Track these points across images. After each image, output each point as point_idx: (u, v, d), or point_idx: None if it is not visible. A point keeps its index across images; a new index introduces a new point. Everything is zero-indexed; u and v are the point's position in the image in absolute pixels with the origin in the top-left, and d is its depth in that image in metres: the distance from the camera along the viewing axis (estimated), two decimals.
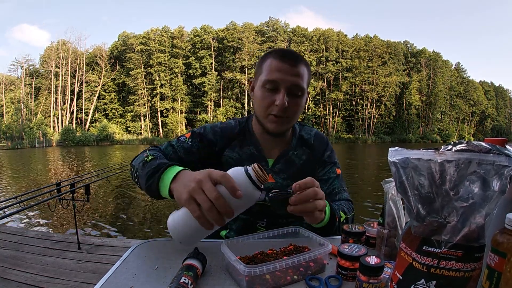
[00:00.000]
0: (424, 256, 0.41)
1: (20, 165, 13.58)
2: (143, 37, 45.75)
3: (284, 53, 0.87)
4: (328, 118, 48.76)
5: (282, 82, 0.84)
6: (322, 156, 1.01)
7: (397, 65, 49.58)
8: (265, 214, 0.95)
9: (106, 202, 5.95)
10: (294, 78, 0.85)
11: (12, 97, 41.78)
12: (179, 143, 0.95)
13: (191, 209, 0.60)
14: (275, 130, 0.90)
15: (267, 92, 0.86)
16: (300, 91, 0.87)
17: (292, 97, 0.87)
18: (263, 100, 0.87)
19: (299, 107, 0.89)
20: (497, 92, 62.28)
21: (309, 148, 1.01)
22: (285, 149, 0.98)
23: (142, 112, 45.22)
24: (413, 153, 0.42)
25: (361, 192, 7.02)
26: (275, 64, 0.85)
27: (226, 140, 0.97)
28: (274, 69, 0.85)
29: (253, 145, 0.97)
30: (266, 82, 0.86)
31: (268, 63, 0.87)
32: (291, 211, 0.68)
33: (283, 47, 0.93)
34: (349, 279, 0.58)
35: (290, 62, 0.85)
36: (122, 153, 20.95)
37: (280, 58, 0.85)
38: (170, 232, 0.66)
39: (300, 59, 0.87)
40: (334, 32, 50.17)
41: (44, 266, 2.39)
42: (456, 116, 56.25)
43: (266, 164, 0.97)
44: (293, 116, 0.90)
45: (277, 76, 0.84)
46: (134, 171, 0.83)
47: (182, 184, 0.64)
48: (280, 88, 0.85)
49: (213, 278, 0.60)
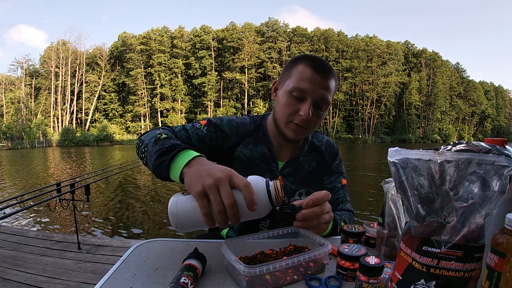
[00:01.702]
0: (424, 256, 0.41)
1: (20, 165, 13.57)
2: (143, 37, 45.79)
3: (317, 63, 0.84)
4: (328, 118, 48.77)
5: (310, 93, 0.82)
6: (330, 165, 1.02)
7: (397, 65, 49.58)
8: (269, 215, 0.96)
9: (106, 202, 5.94)
10: (323, 92, 0.83)
11: (12, 97, 41.80)
12: (193, 129, 0.91)
13: (201, 204, 0.57)
14: (293, 138, 0.89)
15: (293, 99, 0.84)
16: (326, 105, 0.86)
17: (317, 109, 0.86)
18: (287, 106, 0.85)
19: (320, 119, 0.89)
20: (497, 92, 62.30)
21: (319, 155, 1.01)
22: (296, 154, 0.98)
23: (142, 112, 45.23)
24: (413, 153, 0.42)
25: (361, 192, 7.02)
26: (307, 73, 0.82)
27: (241, 136, 0.96)
28: (305, 78, 0.82)
29: (266, 145, 0.96)
30: (294, 89, 0.83)
31: (300, 69, 0.84)
32: (297, 227, 0.69)
33: (315, 55, 0.90)
34: (349, 279, 0.58)
35: (322, 74, 0.82)
36: (122, 153, 20.95)
37: (313, 67, 0.83)
38: (170, 215, 0.61)
39: (332, 73, 0.86)
40: (335, 32, 50.20)
41: (44, 266, 2.39)
42: (456, 116, 56.28)
43: (276, 166, 0.96)
44: (313, 127, 0.90)
45: (307, 86, 0.82)
46: (142, 146, 0.77)
47: (198, 173, 0.60)
48: (307, 98, 0.83)
49: (213, 278, 0.60)
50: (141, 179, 8.93)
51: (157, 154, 0.67)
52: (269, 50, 47.28)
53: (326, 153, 1.02)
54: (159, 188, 7.28)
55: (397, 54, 49.82)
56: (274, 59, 47.24)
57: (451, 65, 57.17)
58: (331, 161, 1.02)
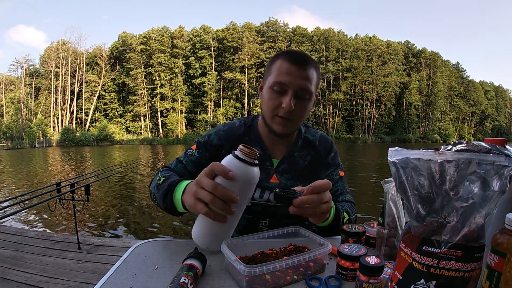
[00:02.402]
0: (424, 256, 0.41)
1: (20, 165, 13.58)
2: (143, 37, 45.79)
3: (294, 55, 0.86)
4: (328, 118, 48.78)
5: (290, 85, 0.84)
6: (326, 158, 1.02)
7: (397, 65, 49.58)
8: (268, 214, 0.96)
9: (106, 202, 5.94)
10: (303, 81, 0.84)
11: (12, 97, 41.81)
12: (187, 157, 0.96)
13: (199, 209, 0.62)
14: (281, 132, 0.90)
15: (275, 93, 0.86)
16: (308, 95, 0.87)
17: (299, 100, 0.86)
18: (270, 101, 0.88)
19: (305, 110, 0.89)
20: (497, 92, 62.27)
21: (313, 150, 1.01)
22: (290, 150, 0.99)
23: (142, 112, 45.24)
24: (413, 153, 0.42)
25: (361, 192, 7.02)
26: (285, 66, 0.84)
27: (233, 141, 0.97)
28: (283, 71, 0.84)
29: (258, 145, 0.97)
30: (274, 83, 0.85)
31: (278, 64, 0.86)
32: (292, 212, 0.68)
33: (293, 49, 0.91)
34: (349, 279, 0.58)
35: (299, 64, 0.84)
36: (122, 153, 20.95)
37: (289, 60, 0.84)
38: (196, 242, 0.69)
39: (310, 62, 0.86)
40: (335, 32, 50.20)
41: (44, 266, 2.39)
42: (456, 116, 56.26)
43: (271, 165, 0.97)
44: (299, 118, 0.90)
45: (285, 78, 0.84)
46: (152, 196, 0.86)
47: (189, 192, 0.66)
48: (288, 90, 0.85)
49: (213, 278, 0.60)
50: (141, 179, 8.93)
51: (162, 199, 0.76)
52: (269, 50, 47.27)
53: (320, 147, 1.02)
54: None
55: (397, 54, 49.82)
56: None
57: (451, 65, 57.16)
58: (326, 155, 1.02)
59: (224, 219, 0.62)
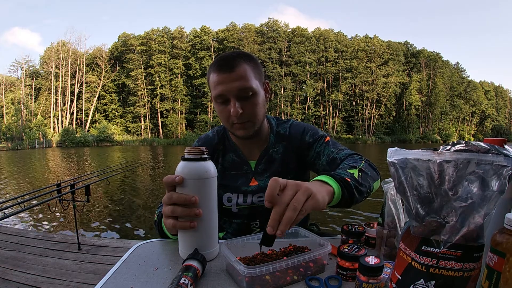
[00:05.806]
0: (423, 256, 0.41)
1: (20, 166, 13.58)
2: (143, 38, 45.82)
3: (219, 63, 0.85)
4: (328, 118, 48.77)
5: (227, 93, 0.84)
6: (302, 141, 0.98)
7: (397, 65, 49.58)
8: (258, 215, 0.97)
9: (106, 202, 5.94)
10: (237, 83, 0.83)
11: (12, 98, 41.81)
12: None
13: (167, 225, 0.64)
14: (244, 135, 0.90)
15: (221, 105, 0.88)
16: (250, 91, 0.85)
17: (244, 100, 0.85)
18: (220, 113, 0.89)
19: (256, 106, 0.87)
20: (497, 92, 62.24)
21: (285, 140, 1.00)
22: (264, 148, 0.99)
23: (142, 113, 45.24)
24: (412, 153, 0.42)
25: None
26: (215, 77, 0.85)
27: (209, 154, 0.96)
28: (217, 83, 0.84)
29: (233, 152, 0.99)
30: (216, 97, 0.87)
31: (211, 78, 0.87)
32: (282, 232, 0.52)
33: (220, 55, 0.88)
34: (349, 279, 0.58)
35: (226, 70, 0.83)
36: (122, 154, 20.95)
37: (217, 69, 0.85)
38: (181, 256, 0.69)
39: (237, 60, 0.84)
40: (333, 32, 50.22)
41: (44, 267, 2.39)
42: (456, 116, 56.21)
43: (249, 168, 0.98)
44: (254, 116, 0.88)
45: (221, 89, 0.84)
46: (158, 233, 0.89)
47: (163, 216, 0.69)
48: (229, 98, 0.85)
49: (212, 279, 0.60)
50: (141, 179, 8.93)
51: (160, 234, 0.82)
52: (269, 51, 47.31)
53: (291, 133, 1.00)
54: (159, 189, 7.28)
55: (398, 55, 49.83)
56: (274, 60, 47.26)
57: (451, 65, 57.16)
58: (299, 138, 0.98)
59: (191, 224, 0.62)
